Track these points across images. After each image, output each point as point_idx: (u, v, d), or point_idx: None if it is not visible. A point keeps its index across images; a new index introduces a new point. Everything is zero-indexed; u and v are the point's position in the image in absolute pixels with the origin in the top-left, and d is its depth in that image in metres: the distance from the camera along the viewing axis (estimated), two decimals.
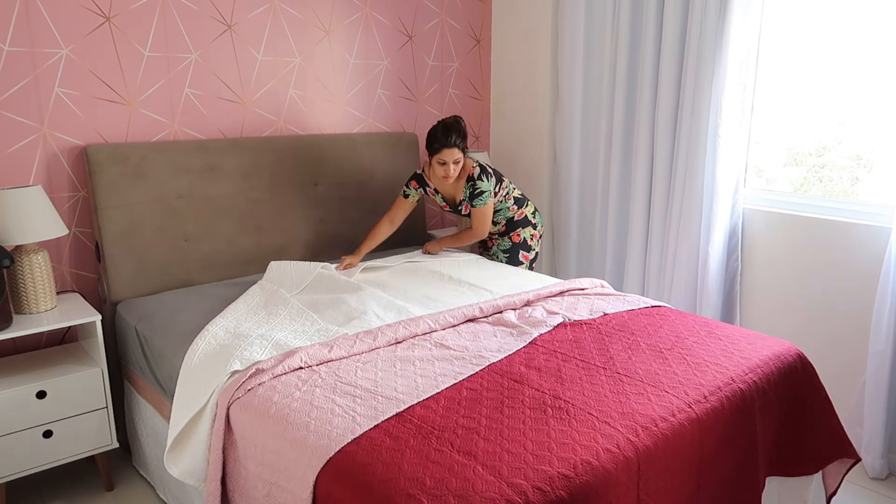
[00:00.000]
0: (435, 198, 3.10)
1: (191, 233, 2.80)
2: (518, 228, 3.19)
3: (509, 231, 3.19)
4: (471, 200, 3.00)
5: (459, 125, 2.82)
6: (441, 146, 2.78)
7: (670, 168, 3.15)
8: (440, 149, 2.79)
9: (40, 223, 2.30)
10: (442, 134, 2.78)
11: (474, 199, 2.98)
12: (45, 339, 2.63)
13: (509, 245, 3.20)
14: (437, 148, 2.80)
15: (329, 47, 3.25)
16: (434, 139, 2.80)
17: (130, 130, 2.73)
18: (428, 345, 2.08)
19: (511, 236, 3.19)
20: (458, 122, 2.83)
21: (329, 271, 2.73)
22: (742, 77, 2.86)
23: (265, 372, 1.87)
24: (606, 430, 1.57)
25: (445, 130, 2.79)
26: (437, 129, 2.81)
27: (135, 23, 2.66)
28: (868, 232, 2.64)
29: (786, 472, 2.07)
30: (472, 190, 2.97)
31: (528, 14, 3.66)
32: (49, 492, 2.51)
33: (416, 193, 3.04)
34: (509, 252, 3.20)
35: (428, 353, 2.02)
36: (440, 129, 2.80)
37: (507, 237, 3.20)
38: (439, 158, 2.82)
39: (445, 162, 2.82)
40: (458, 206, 3.08)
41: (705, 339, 2.13)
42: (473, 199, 2.98)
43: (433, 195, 3.08)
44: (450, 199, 3.10)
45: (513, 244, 3.20)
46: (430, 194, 3.07)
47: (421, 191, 3.04)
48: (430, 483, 1.37)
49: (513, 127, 3.87)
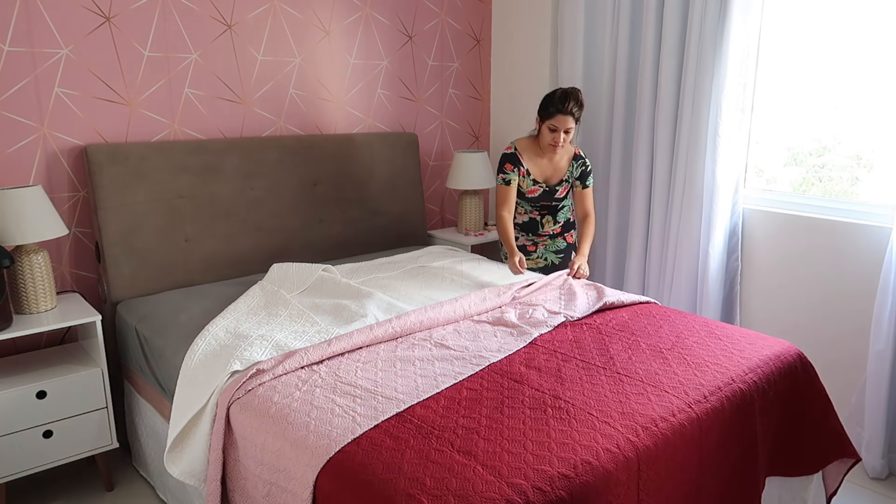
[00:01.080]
0: (523, 180, 2.86)
1: (191, 233, 2.80)
2: (571, 230, 3.08)
3: (564, 232, 3.04)
4: (583, 180, 2.87)
5: (578, 96, 2.68)
6: (556, 111, 2.66)
7: (670, 168, 3.15)
8: (555, 114, 2.66)
9: (40, 223, 2.30)
10: (560, 99, 2.66)
11: (587, 178, 2.86)
12: (45, 339, 2.63)
13: (564, 246, 3.05)
14: (551, 112, 2.67)
15: (329, 47, 3.25)
16: (550, 103, 2.68)
17: (130, 130, 2.73)
18: (428, 345, 2.09)
19: (566, 236, 3.05)
20: (578, 92, 2.69)
21: (331, 274, 2.72)
22: (742, 77, 2.86)
23: (265, 372, 1.87)
24: (606, 430, 1.57)
25: (564, 96, 2.65)
26: (556, 94, 2.68)
27: (135, 23, 2.66)
28: (868, 232, 2.64)
29: (786, 472, 2.07)
30: (584, 168, 2.86)
31: (528, 14, 3.66)
32: (49, 492, 2.51)
33: (515, 175, 2.84)
34: (563, 253, 3.04)
35: (428, 353, 2.02)
36: (559, 94, 2.67)
37: (560, 238, 3.04)
38: (552, 124, 2.68)
39: (557, 129, 2.69)
40: (556, 187, 2.88)
41: (705, 339, 2.13)
42: (586, 178, 2.86)
43: (523, 176, 2.85)
44: (545, 179, 2.88)
45: (567, 245, 3.05)
46: (520, 175, 2.85)
47: (517, 170, 2.83)
48: (430, 483, 1.37)
49: (513, 127, 3.87)
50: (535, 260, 3.06)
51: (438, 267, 2.90)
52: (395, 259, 3.04)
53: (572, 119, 2.68)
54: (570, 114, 2.66)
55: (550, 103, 2.68)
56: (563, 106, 2.65)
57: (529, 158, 2.85)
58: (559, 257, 3.06)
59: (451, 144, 3.86)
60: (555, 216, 2.98)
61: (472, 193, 3.64)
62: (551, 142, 2.73)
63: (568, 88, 2.70)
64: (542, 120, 2.74)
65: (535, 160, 2.86)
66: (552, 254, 3.06)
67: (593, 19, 3.40)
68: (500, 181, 2.87)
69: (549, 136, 2.73)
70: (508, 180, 2.84)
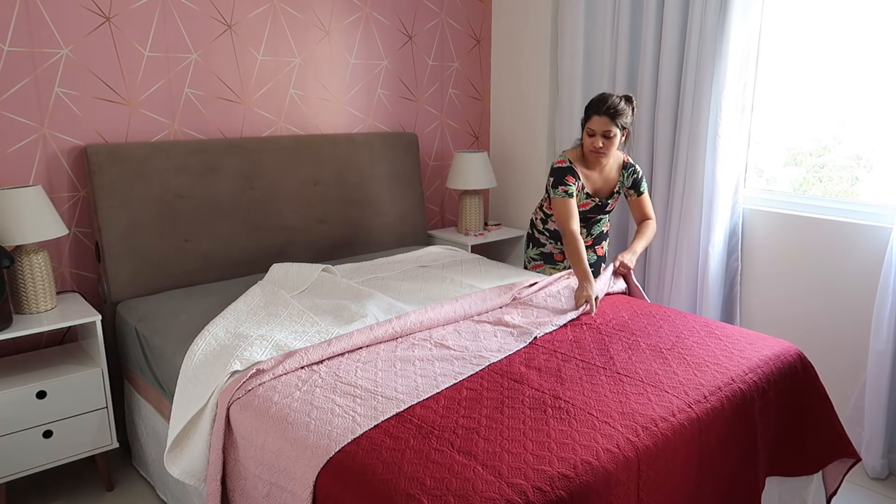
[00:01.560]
0: (578, 195, 2.67)
1: (191, 233, 2.80)
2: (602, 242, 2.93)
3: (595, 244, 2.89)
4: (636, 188, 2.73)
5: (621, 100, 2.52)
6: (592, 112, 2.53)
7: (670, 168, 3.15)
8: (591, 115, 2.54)
9: (40, 223, 2.30)
10: (597, 100, 2.53)
11: (641, 185, 2.72)
12: (45, 339, 2.63)
13: (594, 259, 2.89)
14: (587, 115, 2.56)
15: (329, 47, 3.25)
16: (589, 105, 2.56)
17: (130, 130, 2.73)
18: (428, 345, 2.09)
19: (597, 249, 2.91)
20: (623, 98, 2.54)
21: (331, 274, 2.72)
22: (742, 77, 2.86)
23: (265, 372, 1.87)
24: (606, 430, 1.57)
25: (601, 98, 2.52)
26: (595, 98, 2.56)
27: (135, 23, 2.66)
28: (868, 232, 2.64)
29: (786, 472, 2.07)
30: (635, 175, 2.72)
31: (528, 14, 3.66)
32: (49, 492, 2.51)
33: (575, 188, 2.63)
34: (592, 266, 2.83)
35: (428, 353, 2.02)
36: (598, 97, 2.54)
37: (590, 250, 2.87)
38: (589, 127, 2.55)
39: (594, 133, 2.54)
40: (608, 199, 2.75)
41: (705, 339, 2.13)
42: (640, 185, 2.72)
43: (579, 191, 2.66)
44: (597, 191, 2.73)
45: (598, 258, 2.91)
46: (577, 189, 2.65)
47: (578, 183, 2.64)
48: (430, 483, 1.37)
49: (513, 127, 3.87)
50: (560, 269, 2.91)
51: (439, 266, 2.91)
52: (394, 259, 3.04)
53: (610, 121, 2.50)
54: (606, 115, 2.49)
55: (589, 106, 2.57)
56: (599, 107, 2.51)
57: (581, 171, 2.68)
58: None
59: (451, 144, 3.86)
60: (590, 229, 2.85)
61: (472, 193, 3.64)
62: (591, 147, 2.57)
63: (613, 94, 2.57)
64: (582, 125, 2.62)
65: (586, 173, 2.69)
66: None
67: (593, 19, 3.40)
68: (560, 195, 2.60)
69: (587, 140, 2.58)
70: (571, 192, 2.61)
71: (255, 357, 1.94)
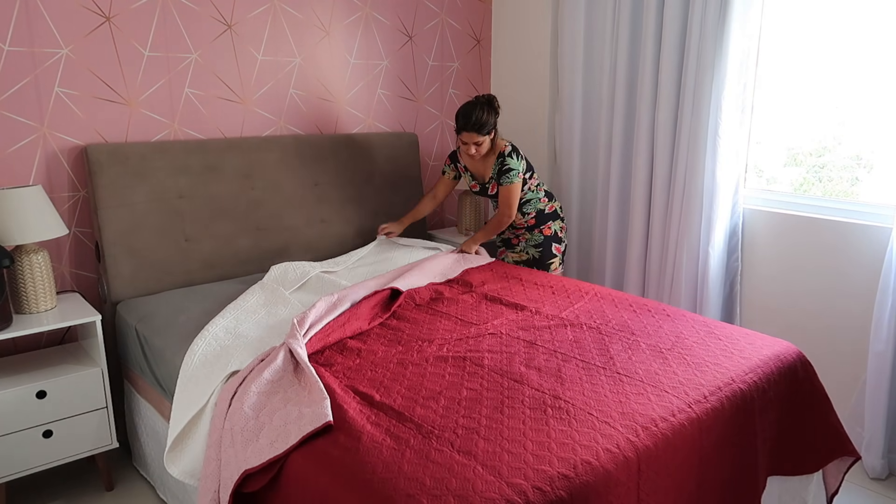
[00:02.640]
0: (465, 176, 3.15)
1: (191, 233, 2.80)
2: (549, 221, 3.17)
3: (539, 224, 3.15)
4: (498, 178, 2.99)
5: (484, 108, 2.84)
6: (460, 128, 2.86)
7: (670, 168, 3.15)
8: (460, 131, 2.87)
9: (40, 223, 2.30)
10: (463, 116, 2.84)
11: (502, 177, 2.97)
12: (45, 339, 2.63)
13: (541, 239, 3.16)
14: (457, 129, 2.89)
15: (329, 47, 3.25)
16: (457, 120, 2.88)
17: (130, 130, 2.73)
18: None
19: (542, 229, 3.16)
20: (486, 103, 2.86)
21: (327, 275, 2.73)
22: (742, 77, 2.86)
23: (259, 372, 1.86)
24: (606, 430, 1.57)
25: (466, 114, 2.83)
26: (461, 112, 2.86)
27: (135, 23, 2.66)
28: (868, 232, 2.64)
29: (786, 471, 2.07)
30: (501, 166, 2.97)
31: (528, 14, 3.66)
32: (49, 492, 2.51)
33: (450, 170, 3.16)
34: (541, 246, 3.17)
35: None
36: (462, 112, 2.86)
37: (536, 231, 3.16)
38: (460, 140, 2.91)
39: (467, 143, 2.89)
40: (487, 184, 3.08)
41: (705, 339, 2.13)
42: (501, 177, 2.97)
43: (463, 172, 3.14)
44: (479, 177, 3.12)
45: (545, 238, 3.17)
46: (460, 171, 3.14)
47: (456, 167, 3.14)
48: (430, 483, 1.37)
49: (513, 127, 3.87)
50: (519, 253, 3.23)
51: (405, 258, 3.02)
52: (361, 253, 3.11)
53: (476, 134, 2.84)
54: (472, 130, 2.83)
55: (457, 121, 2.87)
56: (465, 123, 2.83)
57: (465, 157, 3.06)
58: (538, 251, 3.17)
59: (451, 144, 3.86)
60: (521, 208, 3.11)
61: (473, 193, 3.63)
62: (465, 153, 2.95)
63: (477, 100, 2.87)
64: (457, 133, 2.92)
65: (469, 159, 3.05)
66: (532, 248, 3.18)
67: (593, 19, 3.40)
68: (444, 169, 3.22)
69: (462, 147, 2.95)
70: (444, 171, 3.21)
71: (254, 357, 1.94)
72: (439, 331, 2.22)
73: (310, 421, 1.60)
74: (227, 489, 1.56)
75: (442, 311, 2.41)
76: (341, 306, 2.36)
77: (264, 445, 1.59)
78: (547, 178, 3.75)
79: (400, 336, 2.18)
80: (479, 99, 2.88)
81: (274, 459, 1.55)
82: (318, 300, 2.33)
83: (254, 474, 1.56)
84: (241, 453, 1.60)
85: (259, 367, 1.88)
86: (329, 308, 2.31)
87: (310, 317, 2.17)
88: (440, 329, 2.23)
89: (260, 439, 1.61)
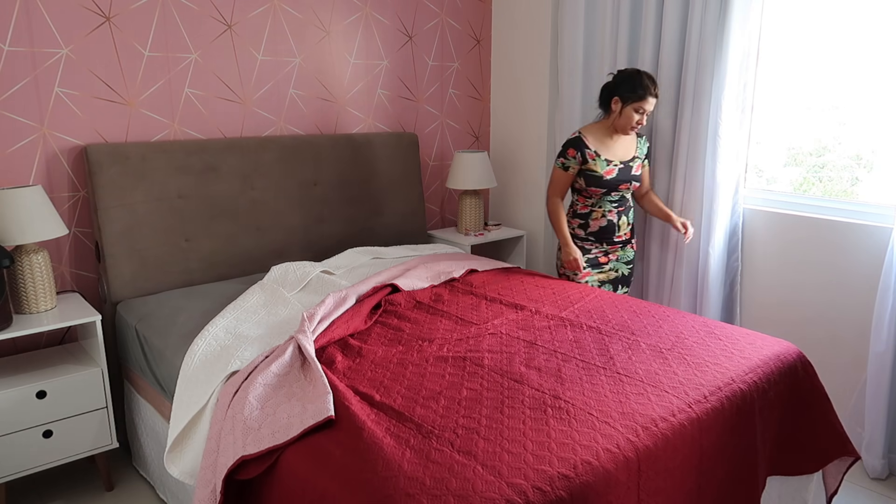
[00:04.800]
0: (594, 163, 2.78)
1: (191, 233, 2.80)
2: (634, 237, 2.97)
3: (632, 238, 2.95)
4: (648, 157, 2.80)
5: None
6: (646, 94, 2.66)
7: (670, 168, 3.15)
8: (644, 96, 2.66)
9: (40, 223, 2.30)
10: (650, 81, 2.67)
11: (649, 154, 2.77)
12: (45, 339, 2.63)
13: (632, 255, 2.96)
14: (640, 95, 2.66)
15: (329, 47, 3.25)
16: (639, 85, 2.66)
17: (130, 130, 2.73)
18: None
19: (633, 244, 2.96)
20: None
21: (327, 275, 2.73)
22: (742, 77, 2.86)
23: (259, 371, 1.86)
24: (606, 430, 1.57)
25: (651, 79, 2.67)
26: (642, 76, 2.67)
27: (135, 23, 2.66)
28: (868, 232, 2.64)
29: (786, 471, 2.07)
30: (648, 144, 2.78)
31: (528, 14, 3.66)
32: (49, 492, 2.51)
33: (575, 163, 2.79)
34: (632, 264, 2.95)
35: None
36: (645, 76, 2.67)
37: (629, 247, 2.95)
38: (640, 106, 2.67)
39: (644, 112, 2.68)
40: (631, 163, 2.82)
41: (705, 339, 2.13)
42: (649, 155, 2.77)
43: (593, 159, 2.78)
44: (617, 159, 2.81)
45: (634, 253, 2.98)
46: (589, 158, 2.77)
47: (579, 156, 2.78)
48: (430, 483, 1.37)
49: (513, 127, 3.87)
50: (608, 273, 2.94)
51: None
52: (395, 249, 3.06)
53: (656, 101, 2.71)
54: (657, 96, 2.70)
55: (640, 85, 2.65)
56: (654, 89, 2.66)
57: (598, 140, 2.80)
58: (629, 268, 2.96)
59: (451, 144, 3.86)
60: (628, 214, 2.90)
61: (472, 193, 3.64)
62: (634, 124, 2.71)
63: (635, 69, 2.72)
64: (624, 102, 2.69)
65: (603, 141, 2.80)
66: (623, 265, 2.96)
67: (593, 19, 3.40)
68: (558, 165, 2.83)
69: (634, 118, 2.69)
70: (567, 166, 2.79)
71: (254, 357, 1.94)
72: (439, 331, 2.22)
73: (312, 415, 1.60)
74: (222, 474, 1.56)
75: (442, 310, 2.41)
76: (348, 302, 2.37)
77: (265, 435, 1.59)
78: (547, 177, 3.75)
79: (400, 336, 2.18)
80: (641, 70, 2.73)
81: (273, 448, 1.55)
82: (326, 296, 2.34)
83: (251, 461, 1.56)
84: (239, 440, 1.61)
85: (266, 361, 1.89)
86: (337, 303, 2.32)
87: (319, 312, 2.18)
88: (440, 329, 2.23)
89: (261, 429, 1.61)
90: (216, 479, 1.60)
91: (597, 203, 2.85)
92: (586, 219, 2.88)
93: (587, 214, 2.88)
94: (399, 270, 2.75)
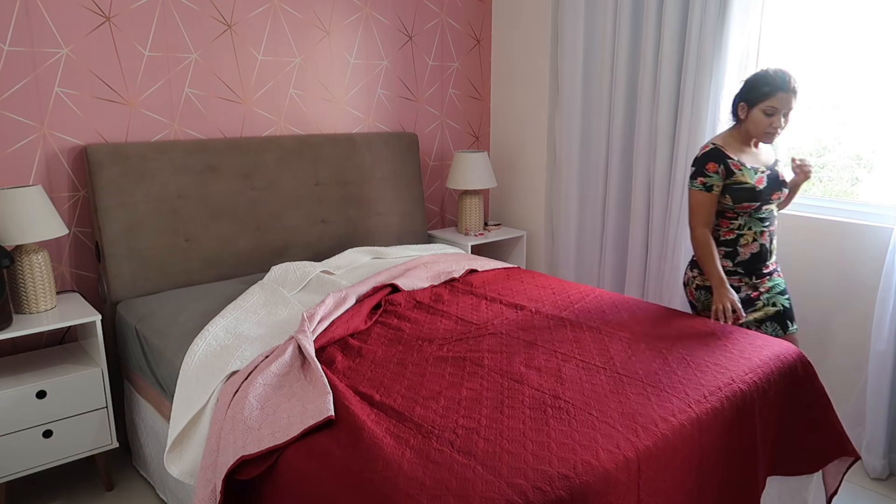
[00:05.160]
0: (741, 174, 2.29)
1: (191, 233, 2.80)
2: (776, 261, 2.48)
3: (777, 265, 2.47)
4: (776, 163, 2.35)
5: None
6: (777, 89, 2.18)
7: (670, 168, 3.15)
8: (771, 93, 2.19)
9: (40, 223, 2.30)
10: (779, 75, 2.19)
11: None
12: (45, 338, 2.63)
13: (784, 284, 2.45)
14: (766, 92, 2.20)
15: (329, 47, 3.25)
16: (765, 82, 2.20)
17: (130, 130, 2.73)
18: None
19: (780, 271, 2.47)
20: None
21: (327, 275, 2.73)
22: (742, 77, 2.86)
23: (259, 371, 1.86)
24: (606, 430, 1.57)
25: (782, 73, 2.19)
26: (768, 72, 2.22)
27: (135, 23, 2.66)
28: (869, 232, 2.64)
29: (786, 471, 2.07)
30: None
31: (528, 14, 3.66)
32: (49, 492, 2.51)
33: (718, 179, 2.29)
34: (786, 294, 2.44)
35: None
36: (773, 71, 2.21)
37: (776, 274, 2.44)
38: (770, 106, 2.20)
39: (776, 111, 2.20)
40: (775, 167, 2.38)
41: (705, 339, 2.13)
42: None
43: (739, 169, 2.30)
44: (763, 163, 2.37)
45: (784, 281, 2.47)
46: (734, 168, 2.29)
47: (722, 169, 2.30)
48: (430, 483, 1.37)
49: (513, 127, 3.87)
50: (764, 309, 2.40)
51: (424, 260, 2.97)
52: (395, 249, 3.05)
53: (793, 98, 2.20)
54: (793, 92, 2.19)
55: (765, 82, 2.21)
56: (786, 84, 2.18)
57: (735, 149, 2.35)
58: (786, 298, 2.43)
59: (451, 144, 3.86)
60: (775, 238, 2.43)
61: (472, 193, 3.64)
62: (768, 128, 2.23)
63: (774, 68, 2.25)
64: (751, 105, 2.26)
65: (741, 149, 2.36)
66: (779, 296, 2.42)
67: (593, 19, 3.40)
68: (697, 187, 2.31)
69: (765, 121, 2.23)
70: (710, 185, 2.28)
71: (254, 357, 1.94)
72: (439, 331, 2.22)
73: (312, 415, 1.60)
74: (222, 473, 1.57)
75: (442, 310, 2.41)
76: (348, 302, 2.37)
77: (265, 435, 1.59)
78: (546, 178, 3.75)
79: (400, 336, 2.18)
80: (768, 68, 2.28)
81: (273, 448, 1.55)
82: (326, 296, 2.34)
83: (251, 461, 1.56)
84: (239, 440, 1.61)
85: (267, 361, 1.89)
86: (338, 303, 2.32)
87: (319, 312, 2.18)
88: (440, 329, 2.24)
89: (261, 429, 1.61)
90: (216, 478, 1.60)
91: (745, 224, 2.34)
92: (734, 245, 2.37)
93: (734, 241, 2.37)
94: (399, 270, 2.75)
